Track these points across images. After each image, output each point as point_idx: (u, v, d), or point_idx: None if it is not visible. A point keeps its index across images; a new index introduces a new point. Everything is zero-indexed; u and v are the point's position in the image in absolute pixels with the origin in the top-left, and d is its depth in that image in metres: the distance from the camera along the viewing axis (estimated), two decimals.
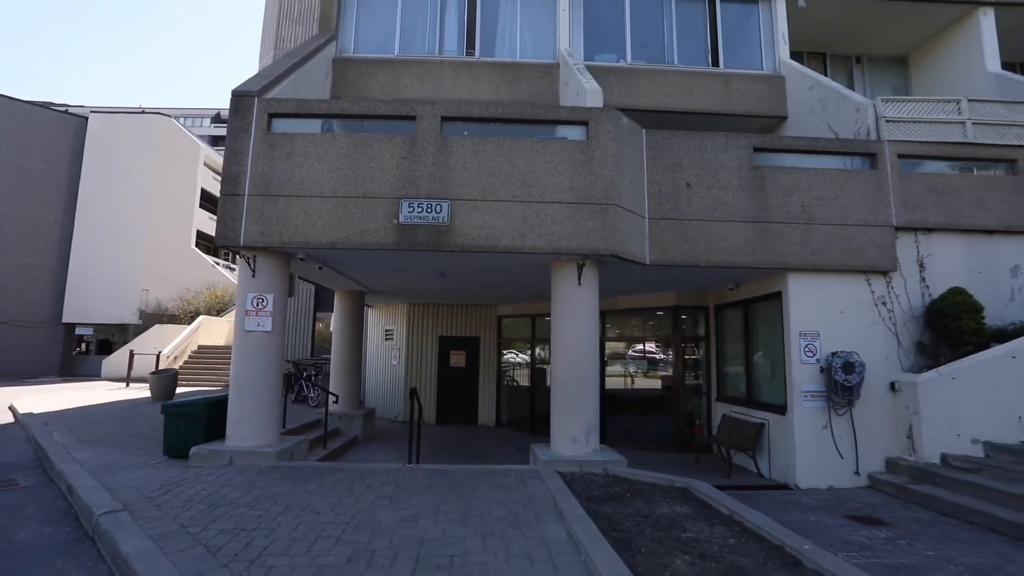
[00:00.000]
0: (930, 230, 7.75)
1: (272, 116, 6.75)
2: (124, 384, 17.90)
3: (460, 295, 11.37)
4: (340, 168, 6.52)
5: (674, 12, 10.70)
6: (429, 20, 10.42)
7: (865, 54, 12.81)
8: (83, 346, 30.85)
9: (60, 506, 5.08)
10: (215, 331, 22.30)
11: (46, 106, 58.40)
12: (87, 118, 31.44)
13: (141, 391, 15.76)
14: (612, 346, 11.17)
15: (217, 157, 35.70)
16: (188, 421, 6.45)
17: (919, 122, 8.09)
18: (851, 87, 12.81)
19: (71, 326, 27.87)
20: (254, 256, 6.62)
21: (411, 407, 6.73)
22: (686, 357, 10.11)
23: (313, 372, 12.94)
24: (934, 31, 11.86)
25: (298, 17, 18.44)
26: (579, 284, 6.63)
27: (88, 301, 27.31)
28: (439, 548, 3.79)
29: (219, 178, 25.94)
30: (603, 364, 11.00)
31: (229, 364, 18.35)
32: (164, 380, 12.63)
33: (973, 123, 8.10)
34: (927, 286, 7.66)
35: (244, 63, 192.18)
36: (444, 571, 3.41)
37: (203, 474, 5.61)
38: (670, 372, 10.14)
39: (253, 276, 6.64)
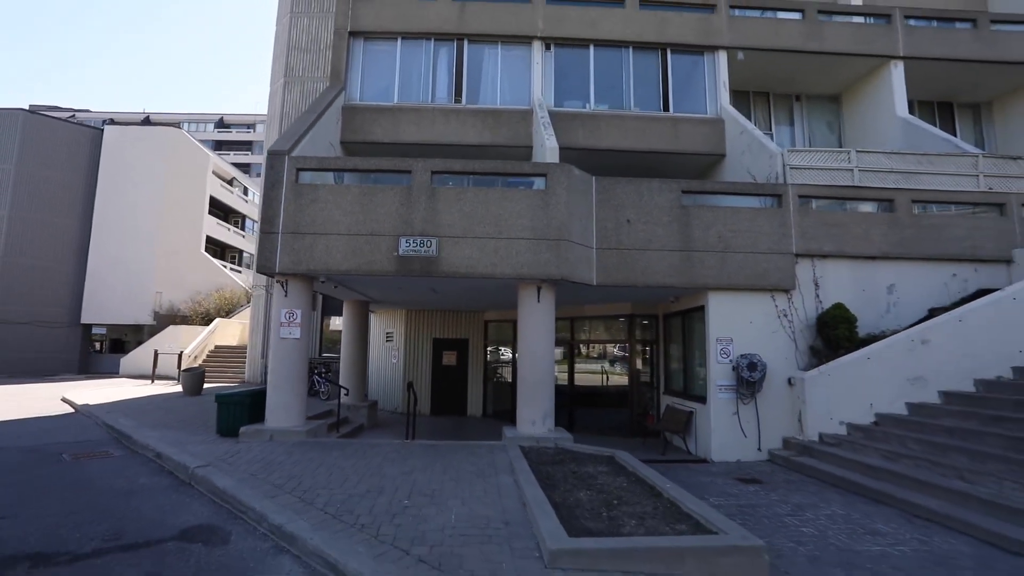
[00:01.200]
0: (824, 256, 9.69)
1: (299, 170, 8.66)
2: (150, 381, 19.79)
3: (450, 304, 13.29)
4: (353, 212, 8.43)
5: (632, 64, 12.62)
6: (423, 72, 12.34)
7: (804, 93, 14.75)
8: (97, 345, 32.66)
9: (153, 466, 7.01)
10: (228, 333, 24.18)
11: (52, 109, 60.19)
12: (103, 129, 33.13)
13: (167, 387, 17.68)
14: (580, 348, 13.13)
15: (225, 165, 37.61)
16: (236, 408, 8.39)
17: (817, 169, 10.05)
18: (792, 122, 14.78)
19: (88, 326, 29.71)
20: (286, 280, 8.54)
21: (408, 398, 8.67)
22: (642, 357, 12.06)
23: (323, 370, 14.84)
24: (856, 78, 13.82)
25: (306, 48, 20.21)
26: (538, 302, 8.57)
27: (105, 303, 29.10)
28: (426, 487, 5.74)
29: (226, 185, 28.00)
30: (572, 363, 12.98)
31: (242, 362, 20.30)
32: (194, 377, 14.56)
33: (860, 170, 10.05)
34: (820, 301, 9.61)
35: (244, 62, 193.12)
36: (427, 497, 5.36)
37: (253, 446, 7.55)
38: (627, 370, 12.11)
39: (286, 295, 8.56)
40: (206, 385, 17.80)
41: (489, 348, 14.75)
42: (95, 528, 4.74)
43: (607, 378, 12.78)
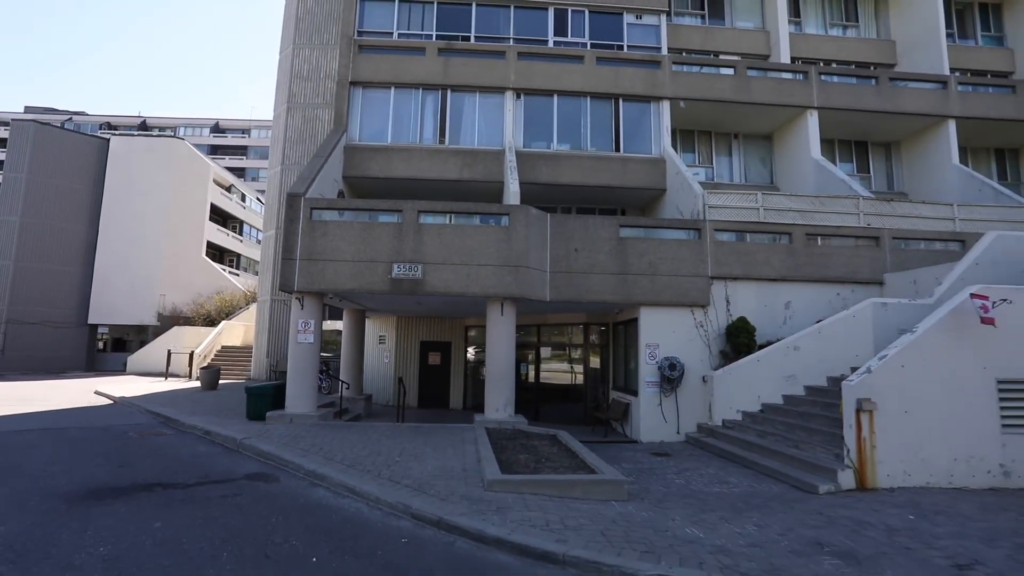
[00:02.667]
0: (734, 279, 12.08)
1: (313, 209, 10.90)
2: (163, 378, 21.84)
3: (434, 312, 15.55)
4: (355, 243, 10.68)
5: (589, 110, 14.99)
6: (412, 117, 14.62)
7: (741, 132, 17.21)
8: (101, 344, 34.48)
9: (205, 441, 9.22)
10: (233, 334, 26.22)
11: (48, 111, 61.47)
12: (109, 140, 34.93)
13: (182, 383, 19.76)
14: (545, 350, 15.48)
15: (224, 173, 39.52)
16: (262, 398, 10.62)
17: (730, 208, 12.46)
18: (731, 156, 17.23)
19: (94, 327, 31.56)
20: (303, 297, 10.78)
21: (399, 390, 10.94)
22: (600, 357, 14.41)
23: (323, 367, 17.05)
24: (781, 122, 16.30)
25: (307, 76, 22.37)
26: (502, 315, 10.89)
27: (111, 304, 30.98)
28: (412, 451, 8.03)
29: (225, 192, 30.31)
30: (538, 363, 15.33)
31: (247, 361, 22.51)
32: (211, 374, 16.71)
33: (765, 208, 12.49)
34: (730, 315, 12.00)
35: (239, 61, 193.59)
36: (413, 457, 7.66)
37: (278, 427, 9.79)
38: (583, 370, 14.47)
39: (302, 308, 10.80)
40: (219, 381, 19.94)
41: (469, 349, 17.03)
42: (188, 473, 6.98)
43: (565, 376, 15.15)
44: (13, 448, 8.28)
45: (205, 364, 22.67)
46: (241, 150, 60.49)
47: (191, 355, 22.40)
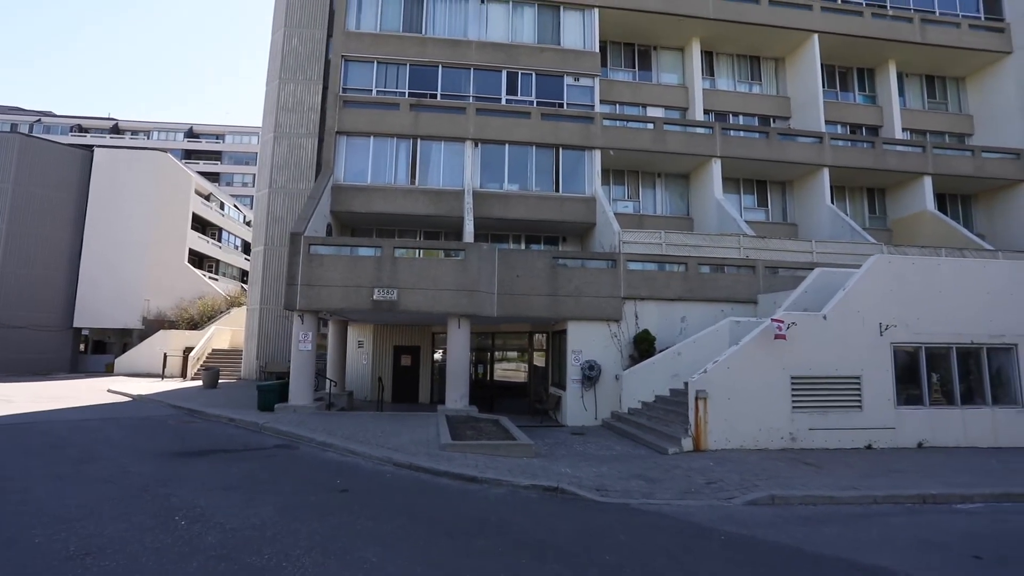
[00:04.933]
0: (642, 299, 15.54)
1: (310, 244, 13.89)
2: (160, 377, 24.28)
3: (407, 322, 18.63)
4: (344, 272, 13.72)
5: (535, 157, 18.30)
6: (389, 161, 17.69)
7: (663, 172, 20.79)
8: (82, 347, 36.22)
9: (231, 426, 12.17)
10: (223, 338, 28.68)
11: (14, 111, 62.00)
12: (93, 151, 36.67)
13: (178, 383, 22.31)
14: (498, 354, 18.77)
15: (204, 183, 41.53)
16: (271, 392, 13.59)
17: (640, 243, 15.96)
18: (654, 192, 20.80)
19: (79, 330, 33.36)
20: (303, 314, 13.78)
21: (378, 387, 14.05)
22: (545, 357, 17.72)
23: None
24: (694, 166, 19.94)
25: (292, 108, 25.10)
26: (459, 327, 14.11)
27: (96, 308, 32.89)
28: (390, 429, 11.21)
29: (205, 201, 33.06)
30: (492, 364, 18.60)
31: (235, 362, 25.23)
32: (213, 374, 19.45)
33: (667, 244, 16.02)
34: (638, 327, 15.46)
35: (211, 60, 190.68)
36: (391, 433, 10.83)
37: (286, 415, 12.81)
38: (528, 370, 17.79)
39: (303, 323, 13.80)
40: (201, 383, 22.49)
41: (435, 352, 20.17)
42: (233, 444, 9.99)
43: (515, 375, 18.48)
44: (94, 429, 11.12)
45: (200, 366, 25.17)
46: (215, 155, 61.92)
47: (186, 357, 24.88)
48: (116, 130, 63.28)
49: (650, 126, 19.07)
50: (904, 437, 11.66)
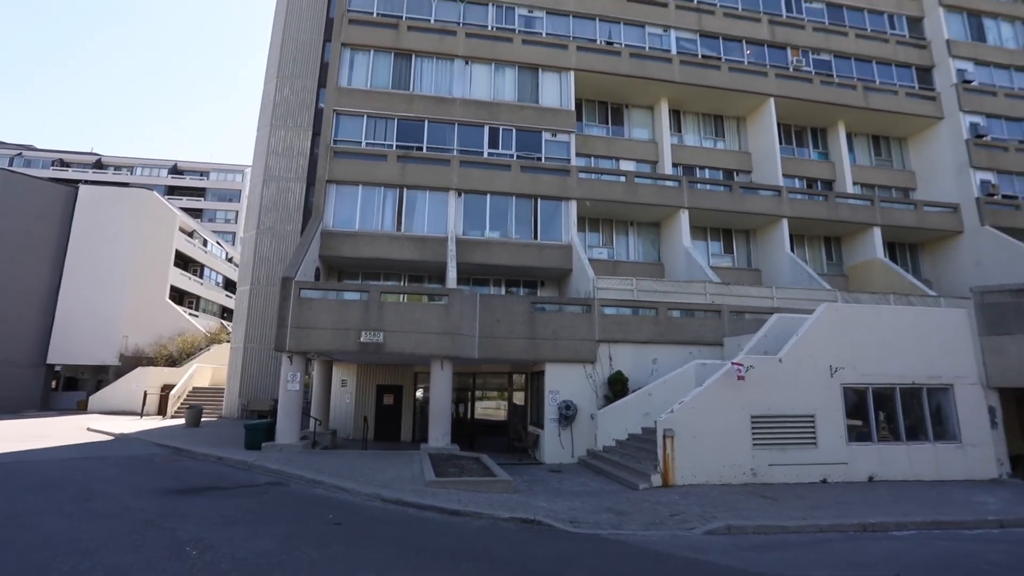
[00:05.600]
0: (615, 342, 16.48)
1: (301, 288, 14.60)
2: (139, 416, 24.17)
3: (391, 363, 19.22)
4: (333, 315, 14.42)
5: (515, 206, 19.46)
6: (376, 209, 18.65)
7: (636, 221, 22.14)
8: (53, 384, 35.62)
9: (220, 464, 12.54)
10: (203, 376, 28.72)
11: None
12: (78, 188, 36.98)
13: (158, 421, 22.32)
14: (479, 393, 19.41)
15: (188, 220, 41.92)
16: (259, 431, 14.01)
17: (613, 289, 17.03)
18: (627, 239, 22.08)
19: (52, 366, 32.89)
20: (291, 355, 14.37)
21: (363, 426, 14.58)
22: (524, 396, 18.39)
23: None
24: (664, 216, 21.34)
25: (282, 153, 26.11)
26: (441, 369, 14.82)
27: (72, 344, 32.61)
28: (377, 466, 11.75)
29: (188, 238, 33.58)
30: (473, 403, 19.20)
31: (217, 401, 25.39)
32: (196, 412, 19.64)
33: (639, 290, 17.13)
34: (612, 368, 16.34)
35: (197, 101, 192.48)
36: (378, 470, 11.38)
37: (274, 453, 13.23)
38: (508, 408, 18.45)
39: (291, 364, 14.36)
40: (182, 420, 22.56)
41: (418, 390, 20.71)
42: (225, 482, 10.43)
43: (497, 414, 19.10)
44: (85, 469, 11.42)
45: (180, 404, 25.16)
46: (199, 192, 62.37)
47: (166, 395, 24.88)
48: (99, 165, 63.46)
49: (622, 179, 20.48)
50: (856, 472, 12.61)
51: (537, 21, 21.59)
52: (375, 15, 20.44)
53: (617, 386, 15.76)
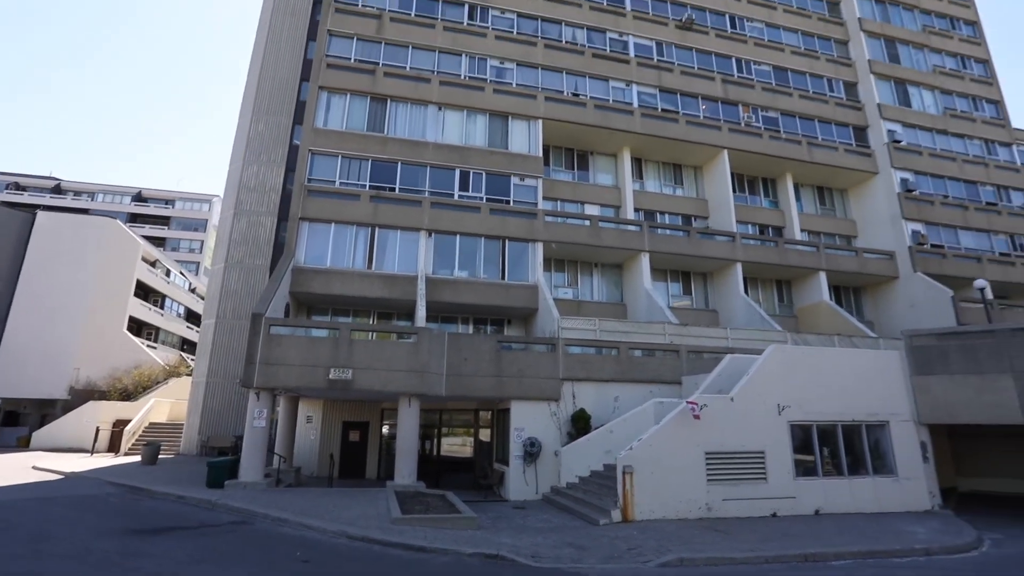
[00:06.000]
0: (579, 380, 17.05)
1: (271, 324, 14.77)
2: (90, 453, 23.23)
3: (358, 399, 19.28)
4: (302, 352, 14.59)
5: (483, 247, 20.15)
6: (348, 246, 19.04)
7: (600, 263, 23.09)
8: None
9: (181, 503, 12.37)
10: (161, 411, 27.89)
11: None
12: (36, 214, 36.13)
13: (109, 459, 21.54)
14: (445, 430, 19.59)
15: (152, 250, 41.13)
16: (222, 469, 13.88)
17: (577, 329, 17.72)
18: (592, 280, 22.97)
19: None
20: (258, 392, 14.41)
21: (329, 463, 14.61)
22: (490, 432, 18.63)
23: None
24: (626, 258, 22.37)
25: (253, 188, 26.31)
26: (409, 406, 15.07)
27: (18, 376, 31.27)
28: (343, 504, 11.83)
29: (151, 268, 32.96)
30: (440, 440, 19.35)
31: (175, 437, 24.75)
32: (153, 450, 19.14)
33: (601, 330, 17.87)
34: (575, 406, 16.87)
35: (161, 127, 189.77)
36: (344, 507, 11.48)
37: (237, 491, 13.13)
38: (474, 445, 18.66)
39: (258, 400, 14.39)
40: (137, 458, 21.82)
41: (384, 426, 20.72)
42: (188, 521, 10.38)
43: (462, 450, 19.27)
44: (33, 510, 11.14)
45: (135, 440, 24.34)
46: (163, 220, 61.22)
47: (121, 430, 24.04)
48: (58, 190, 61.79)
49: (587, 223, 21.50)
50: (803, 505, 13.33)
51: (508, 72, 22.81)
52: (353, 61, 21.29)
53: (580, 423, 16.26)
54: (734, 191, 24.66)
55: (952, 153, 26.99)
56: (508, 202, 20.88)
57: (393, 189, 20.01)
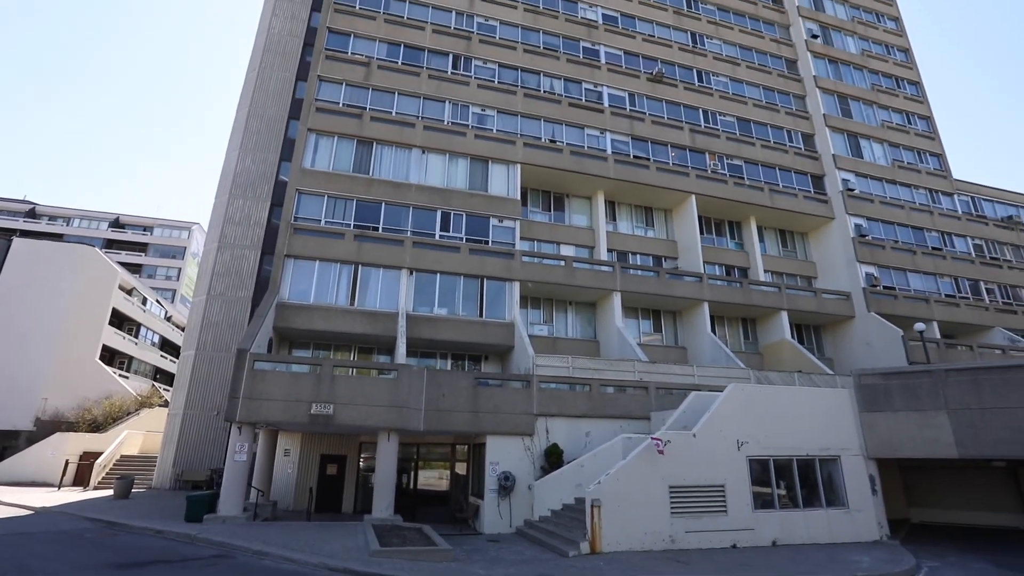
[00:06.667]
0: (552, 416, 17.76)
1: (255, 360, 15.25)
2: (56, 487, 22.83)
3: (337, 432, 19.62)
4: (285, 388, 15.07)
5: (462, 286, 20.99)
6: (331, 284, 19.70)
7: (573, 301, 24.08)
8: None
9: (159, 538, 12.60)
10: (133, 443, 27.57)
11: None
12: (11, 240, 35.87)
13: (80, 493, 21.29)
14: (422, 463, 20.00)
15: (130, 278, 40.92)
16: (201, 503, 14.13)
17: (551, 366, 18.53)
18: (566, 317, 23.89)
19: None
20: (240, 426, 14.79)
21: (308, 497, 14.95)
22: (465, 466, 19.09)
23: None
24: (599, 297, 23.41)
25: (239, 222, 26.81)
26: (388, 440, 15.58)
27: None
28: (322, 538, 12.23)
29: (128, 297, 32.98)
30: (416, 474, 19.73)
31: (147, 470, 24.54)
32: (126, 484, 19.09)
33: (573, 368, 18.71)
34: (549, 440, 17.53)
35: (137, 146, 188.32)
36: (324, 541, 11.89)
37: (216, 525, 13.40)
38: (450, 478, 19.09)
39: (240, 434, 14.76)
40: (111, 492, 21.54)
41: (361, 459, 21.01)
42: (170, 555, 10.68)
43: (439, 484, 19.67)
44: (10, 545, 11.30)
45: (106, 473, 24.05)
46: (140, 247, 60.75)
47: (91, 463, 23.76)
48: (32, 214, 61.04)
49: (562, 263, 22.55)
50: (761, 536, 14.13)
51: (489, 118, 24.10)
52: (341, 105, 22.32)
53: (553, 458, 16.92)
54: (702, 233, 26.12)
55: (900, 201, 29.03)
56: (487, 242, 21.85)
57: (377, 228, 20.84)
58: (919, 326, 19.88)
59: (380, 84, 23.10)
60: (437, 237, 21.31)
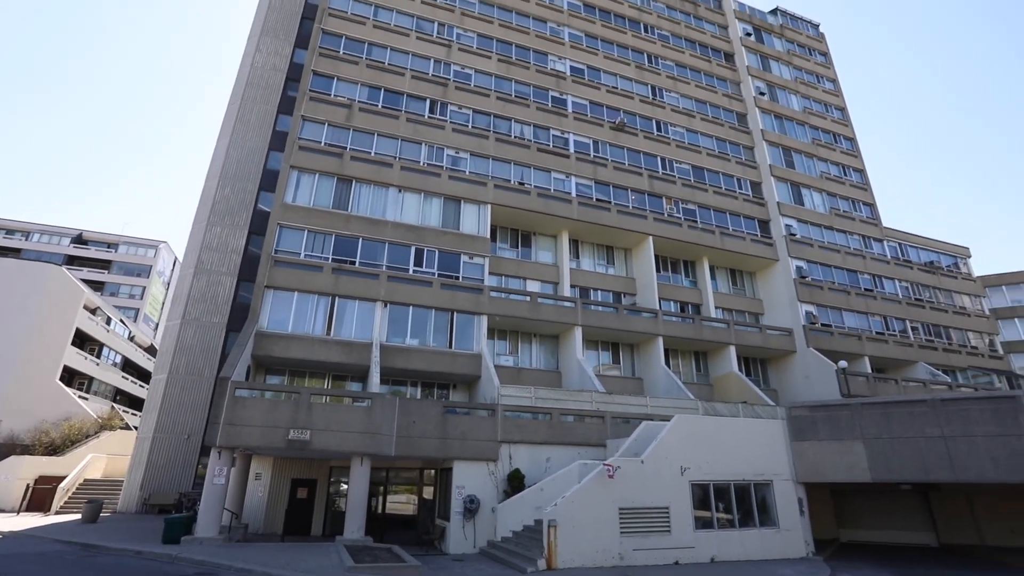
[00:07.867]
0: (515, 442, 19.05)
1: (236, 387, 16.14)
2: (16, 512, 22.67)
3: (309, 456, 20.40)
4: (264, 413, 15.99)
5: (434, 318, 22.28)
6: (309, 314, 20.72)
7: (538, 334, 25.60)
8: None
9: (139, 559, 13.26)
10: (96, 467, 27.43)
11: None
12: None
13: (41, 518, 21.29)
14: (391, 487, 20.92)
15: (95, 298, 40.55)
16: (179, 525, 14.80)
17: (515, 396, 19.90)
18: (531, 348, 25.36)
19: None
20: (220, 450, 15.60)
21: (284, 520, 15.77)
22: (433, 490, 20.09)
23: (199, 499, 20.40)
24: (561, 331, 25.02)
25: (216, 248, 27.52)
26: (361, 465, 16.59)
27: None
28: (299, 556, 13.14)
29: (92, 316, 33.26)
30: (385, 498, 20.63)
31: (112, 494, 24.70)
32: (95, 507, 19.38)
33: (536, 397, 20.13)
34: (512, 466, 18.78)
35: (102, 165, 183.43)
36: (299, 559, 12.82)
37: (194, 546, 14.10)
38: (418, 502, 20.07)
39: (219, 458, 15.55)
40: (75, 516, 21.69)
41: (331, 483, 21.75)
42: (154, 574, 11.45)
43: (407, 507, 20.60)
44: None
45: (68, 498, 23.97)
46: (104, 264, 59.75)
47: (52, 488, 23.67)
48: None
49: (527, 299, 24.12)
50: (701, 554, 15.64)
51: (462, 161, 25.77)
52: (323, 144, 23.64)
53: (515, 482, 18.17)
54: (658, 271, 28.18)
55: (837, 246, 31.88)
56: (458, 278, 23.28)
57: (354, 262, 22.03)
58: (842, 363, 22.15)
59: (361, 125, 24.55)
60: (411, 272, 22.63)
